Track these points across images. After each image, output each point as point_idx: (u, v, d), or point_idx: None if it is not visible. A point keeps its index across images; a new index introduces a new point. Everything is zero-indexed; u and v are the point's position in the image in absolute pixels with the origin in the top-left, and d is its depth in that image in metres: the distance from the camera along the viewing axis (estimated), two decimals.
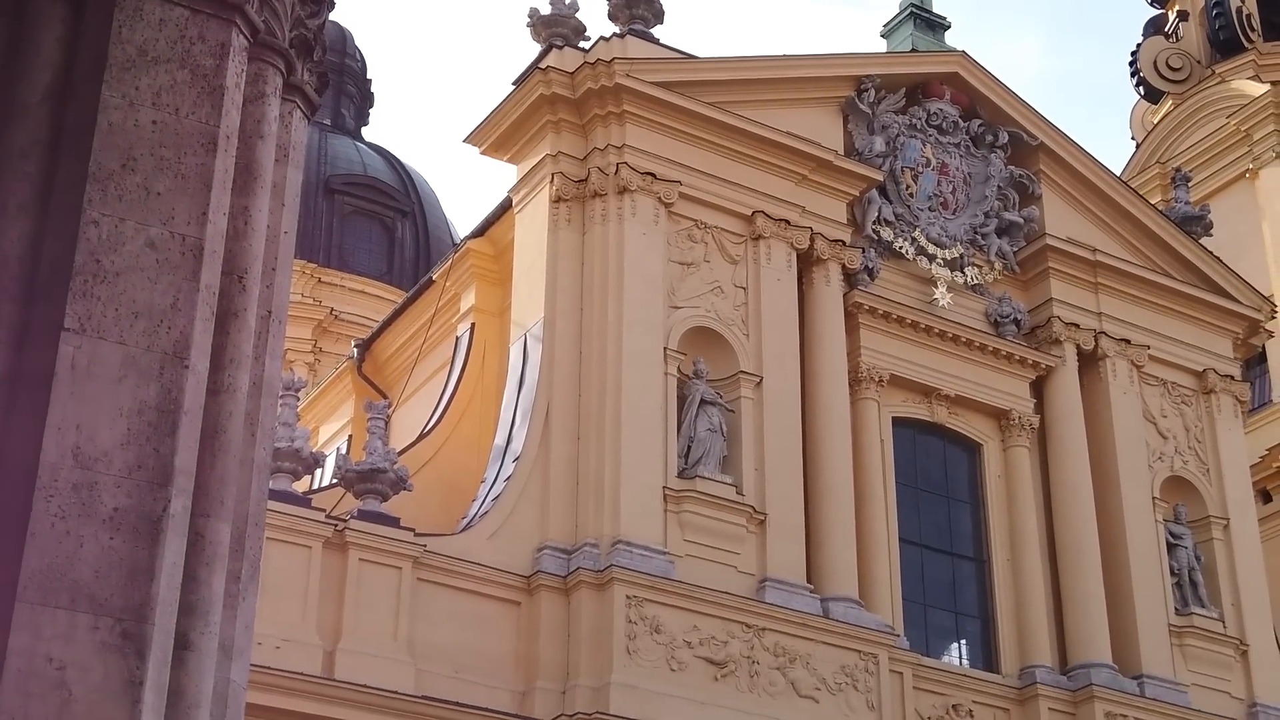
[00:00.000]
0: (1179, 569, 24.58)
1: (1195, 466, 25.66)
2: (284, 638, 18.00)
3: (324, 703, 17.93)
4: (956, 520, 24.13)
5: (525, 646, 19.71)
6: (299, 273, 38.42)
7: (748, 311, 22.52)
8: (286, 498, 18.81)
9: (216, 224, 5.59)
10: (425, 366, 24.87)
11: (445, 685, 18.93)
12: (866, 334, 23.64)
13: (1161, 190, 33.91)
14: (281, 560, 18.25)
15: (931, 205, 25.06)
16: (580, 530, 20.38)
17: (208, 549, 5.49)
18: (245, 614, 5.79)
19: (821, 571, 21.60)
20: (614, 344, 21.22)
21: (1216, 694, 24.02)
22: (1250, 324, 27.04)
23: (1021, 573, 23.63)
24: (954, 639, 23.59)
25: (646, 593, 19.83)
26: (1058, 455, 24.62)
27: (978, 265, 25.05)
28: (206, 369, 5.51)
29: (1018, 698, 22.72)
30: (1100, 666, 23.01)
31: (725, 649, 20.20)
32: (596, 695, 19.12)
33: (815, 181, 23.59)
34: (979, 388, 24.38)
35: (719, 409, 21.67)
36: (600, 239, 21.92)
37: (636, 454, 20.63)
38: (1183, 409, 25.98)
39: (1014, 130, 25.92)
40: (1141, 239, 26.62)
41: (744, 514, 21.17)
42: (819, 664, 20.72)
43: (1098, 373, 25.40)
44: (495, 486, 20.79)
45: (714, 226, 22.77)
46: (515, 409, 21.42)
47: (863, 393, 23.36)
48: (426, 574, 19.46)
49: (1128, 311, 25.86)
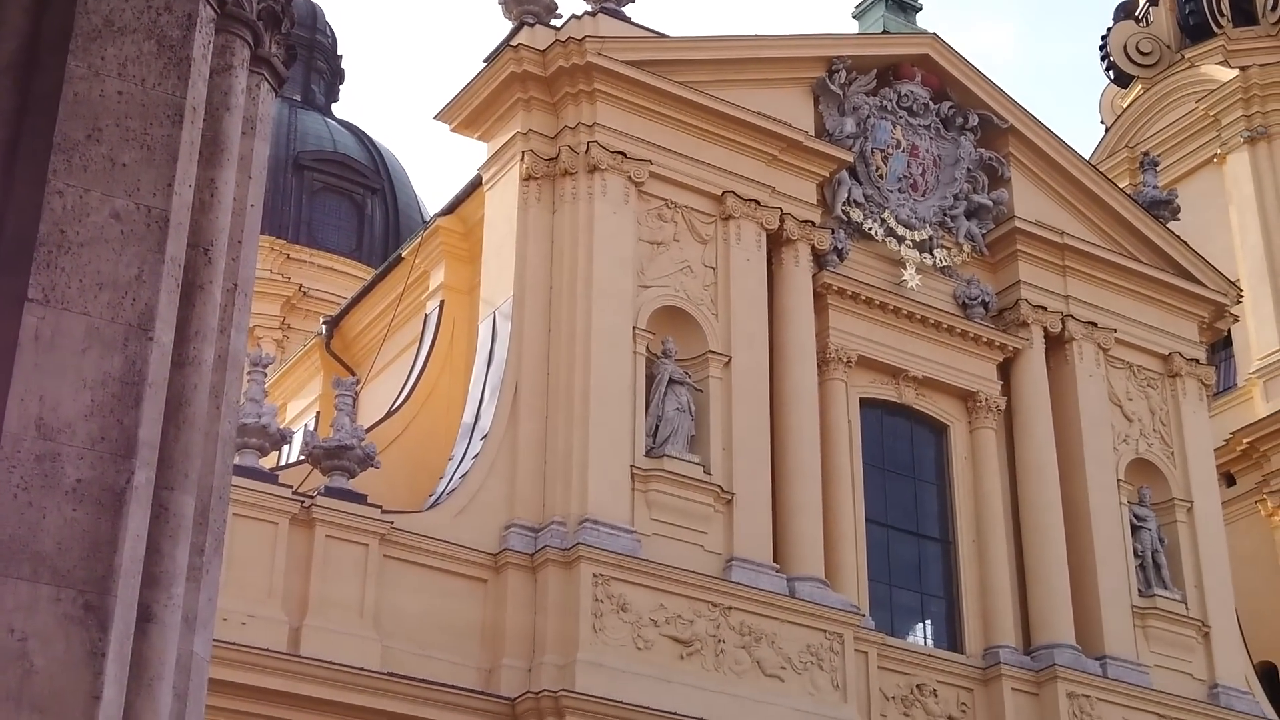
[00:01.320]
0: (1143, 551, 24.76)
1: (1160, 449, 25.83)
2: (250, 614, 17.99)
3: (289, 679, 17.92)
4: (923, 501, 24.24)
5: (492, 624, 19.72)
6: (267, 249, 38.27)
7: (717, 291, 22.55)
8: (253, 474, 18.77)
9: (182, 196, 5.56)
10: (394, 344, 24.82)
11: (411, 662, 18.94)
12: (835, 315, 23.70)
13: (1130, 174, 34.06)
14: (248, 536, 18.23)
15: (901, 187, 25.11)
16: (548, 508, 20.40)
17: (171, 521, 5.48)
18: (209, 587, 5.78)
19: (788, 551, 21.67)
20: (583, 322, 21.22)
21: (1178, 675, 24.21)
22: (1216, 308, 27.21)
23: (986, 554, 23.76)
24: (919, 619, 23.71)
25: (613, 571, 19.87)
26: (1024, 437, 24.75)
27: (946, 247, 25.13)
28: (171, 341, 5.49)
29: (982, 678, 22.85)
30: (1063, 647, 23.16)
31: (691, 628, 20.26)
32: (562, 673, 19.16)
33: (785, 162, 23.62)
34: (946, 369, 24.48)
35: (687, 388, 21.70)
36: (570, 217, 21.90)
37: (604, 433, 20.65)
38: (1148, 392, 26.14)
39: (984, 113, 25.99)
40: (1109, 223, 26.74)
41: (711, 493, 21.22)
42: (784, 643, 20.80)
43: (1064, 355, 25.53)
44: (463, 464, 20.78)
45: (684, 206, 22.77)
46: (484, 387, 21.40)
47: (831, 373, 23.42)
48: (393, 551, 19.45)
49: (1095, 295, 25.98)
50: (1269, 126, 33.79)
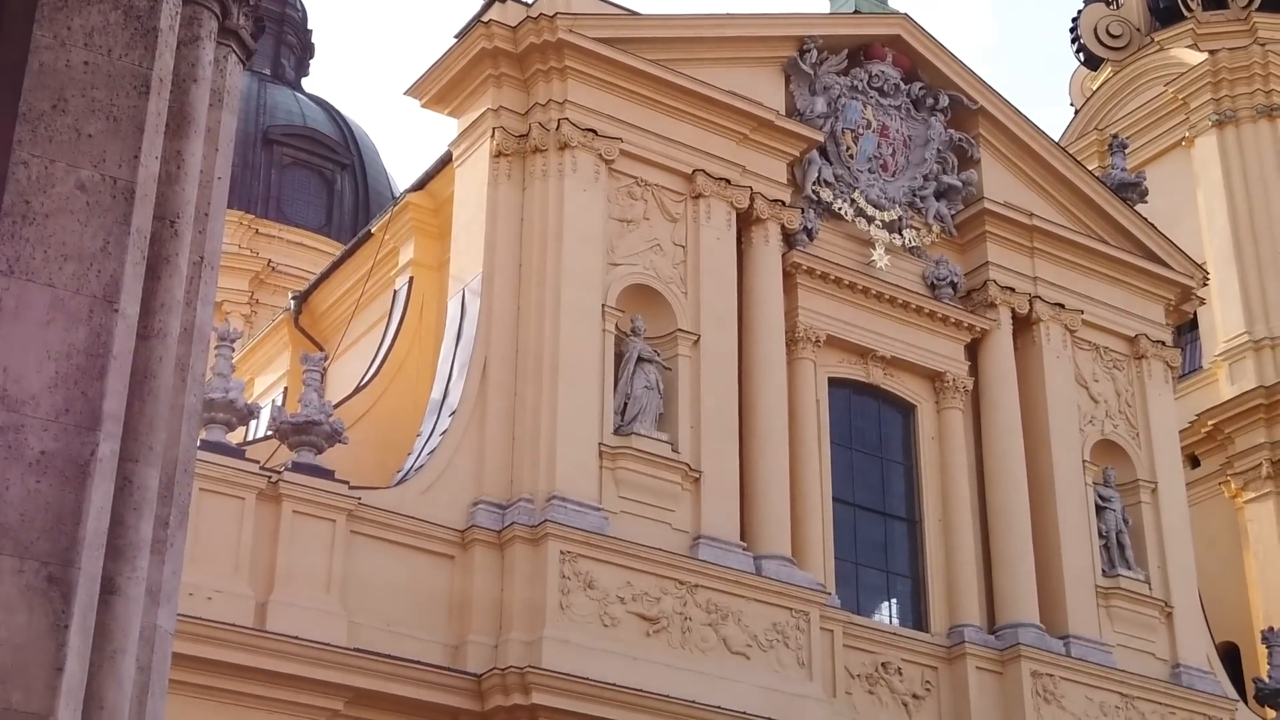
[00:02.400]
0: (1107, 531, 24.91)
1: (1125, 431, 25.97)
2: (216, 589, 17.96)
3: (255, 654, 17.89)
4: (889, 480, 24.33)
5: (459, 600, 19.73)
6: (236, 224, 38.12)
7: (686, 270, 22.56)
8: (220, 449, 18.73)
9: (149, 167, 5.54)
10: (363, 320, 24.77)
11: (378, 638, 18.94)
12: (804, 294, 23.74)
13: (1099, 157, 34.20)
14: (214, 511, 18.19)
15: (871, 167, 25.14)
16: (515, 485, 20.41)
17: (136, 494, 5.47)
18: (173, 560, 5.77)
19: (755, 529, 21.74)
20: (552, 300, 21.21)
21: (1141, 654, 24.39)
22: (1182, 290, 27.35)
23: (952, 533, 23.87)
24: (885, 598, 23.82)
25: (580, 548, 19.89)
26: (991, 418, 24.85)
27: (916, 228, 25.19)
28: (137, 313, 5.48)
29: (946, 656, 22.98)
30: (1027, 626, 23.30)
31: (658, 605, 20.30)
32: (529, 649, 19.18)
33: (756, 141, 23.62)
34: (915, 349, 24.56)
35: (656, 366, 21.72)
36: (540, 195, 21.87)
37: (573, 410, 20.66)
38: (1114, 373, 26.27)
39: (954, 94, 26.04)
40: (1078, 204, 26.85)
41: (679, 471, 21.26)
42: (751, 621, 20.86)
43: (1032, 336, 25.63)
44: (431, 440, 20.76)
45: (654, 184, 22.76)
46: (452, 363, 21.38)
47: (799, 353, 23.47)
48: (361, 527, 19.43)
49: (1063, 276, 26.09)
50: (1237, 110, 33.95)
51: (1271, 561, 29.91)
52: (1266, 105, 33.79)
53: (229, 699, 17.75)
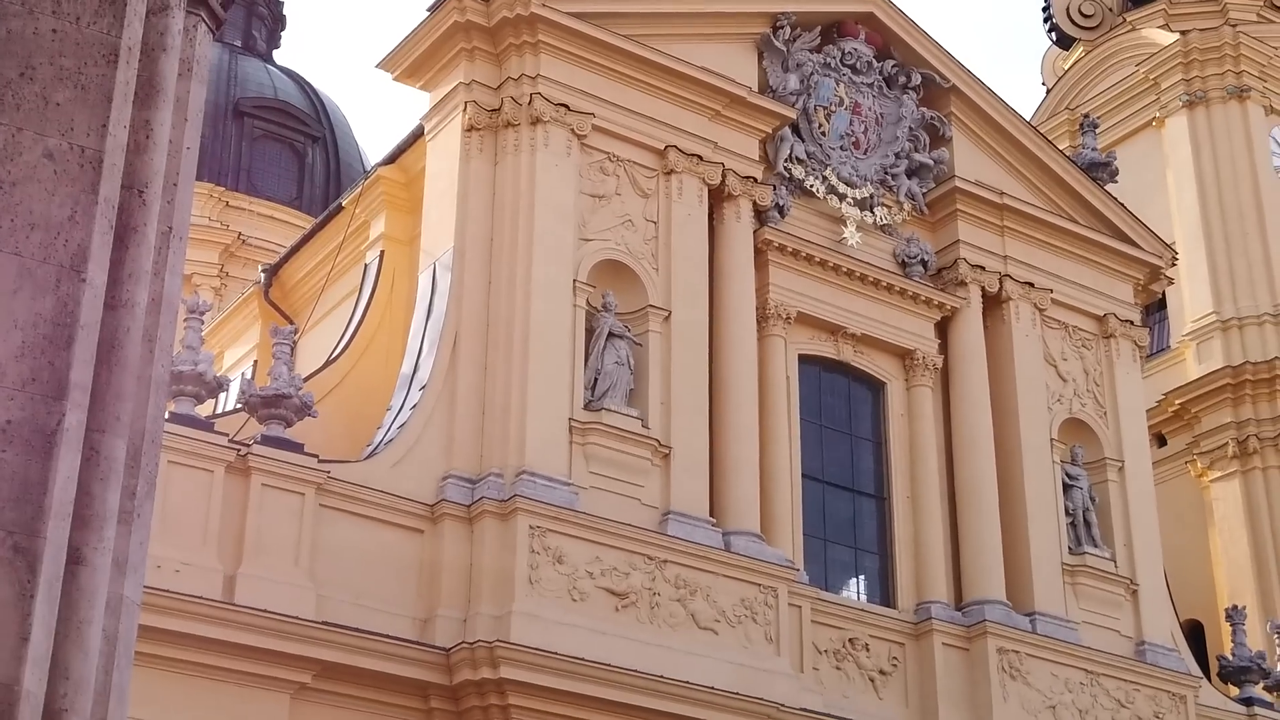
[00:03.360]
0: (1074, 509, 25.05)
1: (1093, 409, 26.11)
2: (184, 561, 17.92)
3: (223, 627, 17.86)
4: (859, 458, 24.41)
5: (428, 574, 19.74)
6: (206, 196, 37.97)
7: (658, 246, 22.56)
8: (189, 421, 18.67)
9: (117, 136, 5.52)
10: (333, 293, 24.70)
11: (346, 611, 18.93)
12: (775, 271, 23.77)
13: (1070, 136, 34.33)
14: (183, 484, 18.15)
15: (843, 145, 25.17)
16: (485, 460, 20.41)
17: (103, 464, 5.46)
18: (140, 530, 5.76)
19: (724, 505, 21.79)
20: (523, 274, 21.19)
21: (1106, 632, 24.56)
22: (1151, 270, 27.48)
23: (921, 511, 23.98)
24: (853, 574, 23.92)
25: (550, 523, 19.91)
26: (960, 396, 24.95)
27: (887, 205, 25.23)
28: (104, 283, 5.46)
29: (913, 632, 23.10)
30: (994, 603, 23.44)
31: (627, 580, 20.34)
32: (498, 624, 19.20)
33: (728, 118, 23.62)
34: (885, 327, 24.62)
35: (627, 342, 21.73)
36: (512, 169, 21.83)
37: (543, 385, 20.66)
38: (1083, 352, 26.40)
39: (926, 72, 26.07)
40: (1048, 184, 26.93)
41: (649, 447, 21.29)
42: (719, 596, 20.93)
43: (1001, 315, 25.73)
44: (401, 414, 20.75)
45: (626, 160, 22.74)
46: (423, 337, 21.35)
47: (770, 329, 23.51)
48: (330, 500, 19.41)
49: (1032, 255, 26.19)
50: (1208, 91, 34.09)
51: (1236, 540, 30.17)
52: (1237, 86, 33.95)
53: (197, 671, 17.72)
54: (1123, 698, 23.98)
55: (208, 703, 17.65)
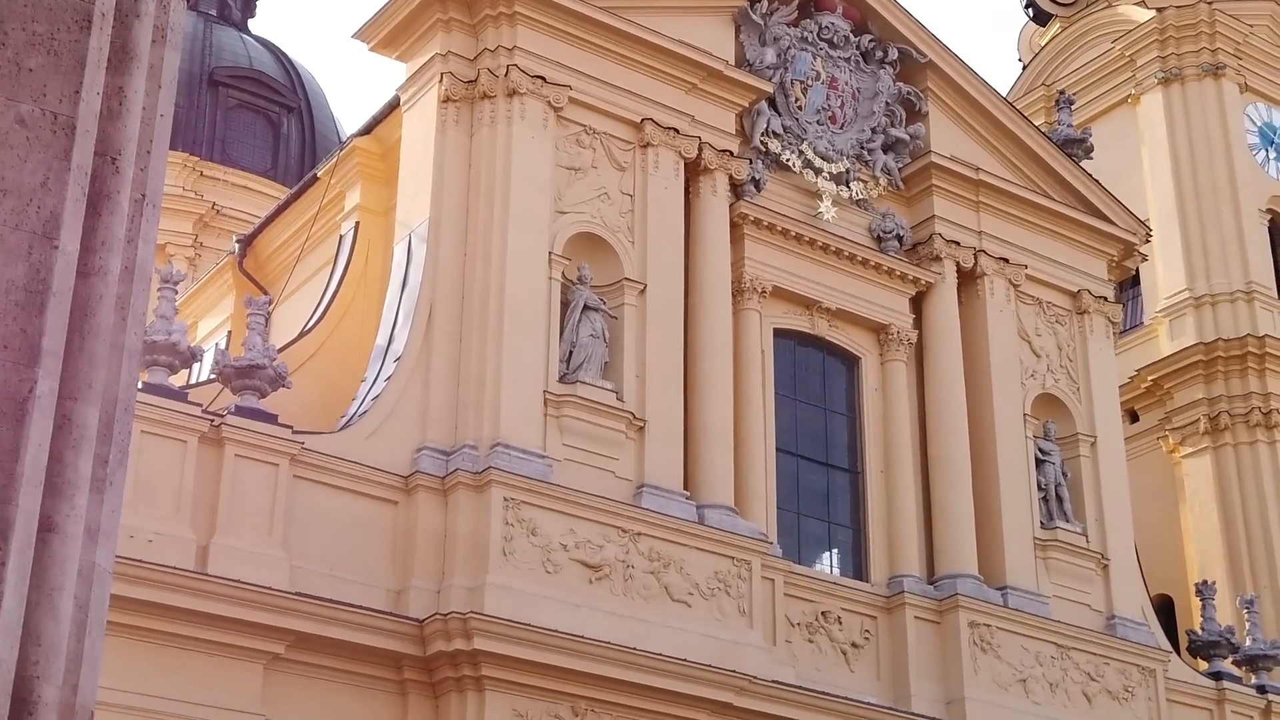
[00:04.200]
0: (1046, 484, 25.17)
1: (1066, 385, 26.22)
2: (157, 531, 17.90)
3: (196, 597, 17.85)
4: (833, 431, 24.48)
5: (402, 546, 19.75)
6: (180, 165, 37.80)
7: (634, 219, 22.55)
8: (163, 391, 18.63)
9: (90, 103, 5.48)
10: (308, 264, 24.64)
11: (320, 583, 18.94)
12: (751, 245, 23.79)
13: (1046, 113, 34.37)
14: (156, 454, 18.11)
15: (819, 119, 25.17)
16: (460, 432, 20.41)
17: (75, 432, 5.44)
18: (113, 499, 5.74)
19: (698, 478, 21.84)
20: (498, 247, 21.16)
21: (1077, 606, 24.71)
22: (1125, 247, 27.57)
23: (894, 485, 24.07)
24: (826, 548, 24.01)
25: (524, 495, 19.93)
26: (934, 370, 25.03)
27: (863, 180, 25.26)
28: (77, 250, 5.43)
29: (885, 606, 23.21)
30: (966, 577, 23.56)
31: (601, 553, 20.38)
32: (472, 595, 19.23)
33: (705, 91, 23.59)
34: (860, 302, 24.67)
35: (602, 315, 21.73)
36: (488, 141, 21.78)
37: (518, 357, 20.66)
38: (1056, 328, 26.50)
39: (904, 47, 26.07)
40: (1024, 160, 26.98)
41: (623, 420, 21.31)
42: (693, 569, 20.99)
43: (976, 290, 25.80)
44: (375, 386, 20.72)
45: (602, 133, 22.71)
46: (398, 309, 21.32)
47: (745, 303, 23.54)
48: (304, 472, 19.39)
49: (1007, 231, 26.25)
50: (1183, 68, 34.16)
51: (1207, 516, 30.35)
52: (1212, 64, 34.02)
53: (170, 641, 17.73)
54: (1093, 671, 24.15)
55: (181, 673, 17.66)
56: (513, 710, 19.07)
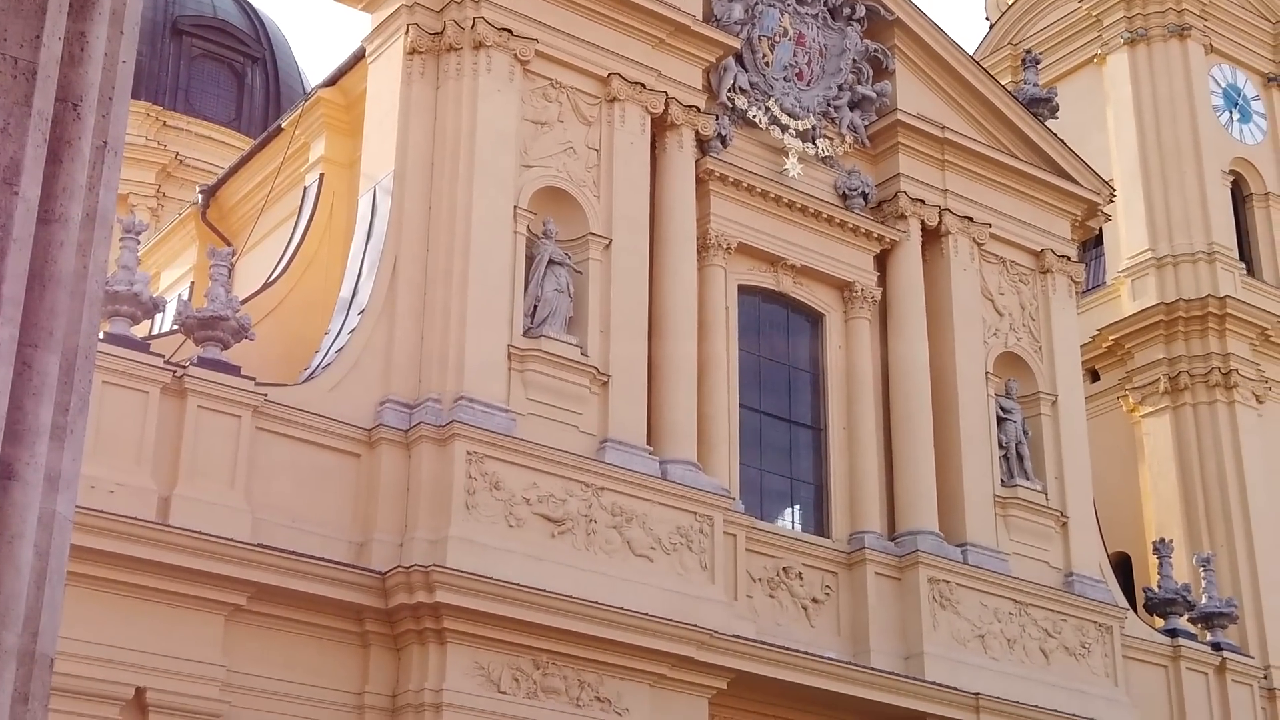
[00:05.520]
0: (1007, 442, 25.34)
1: (1028, 344, 26.37)
2: (118, 482, 17.85)
3: (158, 548, 17.81)
4: (796, 388, 24.56)
5: (364, 499, 19.75)
6: (144, 115, 37.49)
7: (599, 173, 22.50)
8: (124, 341, 18.53)
9: (51, 48, 5.44)
10: (271, 216, 24.51)
11: (282, 534, 18.93)
12: (716, 201, 23.78)
13: (1012, 72, 34.38)
14: (118, 405, 18.04)
15: (786, 76, 25.14)
16: (423, 385, 20.39)
17: (35, 380, 5.42)
18: (73, 447, 5.73)
19: (661, 434, 21.89)
20: (464, 200, 21.10)
21: (1036, 563, 24.92)
22: (1089, 206, 27.69)
23: (856, 442, 24.18)
24: (788, 504, 24.13)
25: (487, 449, 19.94)
26: (897, 328, 25.12)
27: (829, 137, 25.27)
28: (37, 197, 5.40)
29: (846, 562, 23.36)
30: (926, 534, 23.72)
31: (564, 507, 20.42)
32: (434, 548, 19.26)
33: (672, 46, 23.52)
34: (824, 259, 24.72)
35: (567, 270, 21.71)
36: (454, 94, 21.68)
37: (482, 311, 20.63)
38: (1019, 287, 26.62)
39: (871, 4, 26.04)
40: (990, 118, 27.03)
41: (587, 375, 21.33)
42: (655, 524, 21.06)
43: (940, 249, 25.88)
44: (339, 339, 20.67)
45: (569, 87, 22.63)
46: (362, 261, 21.26)
47: (710, 259, 23.55)
48: (266, 424, 19.35)
49: (972, 189, 26.32)
50: (1149, 29, 34.20)
51: (1165, 475, 30.60)
52: (1178, 24, 34.07)
53: (131, 592, 17.70)
54: (1050, 627, 24.39)
55: (142, 623, 17.65)
56: (474, 663, 19.14)
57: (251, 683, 18.30)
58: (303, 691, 18.65)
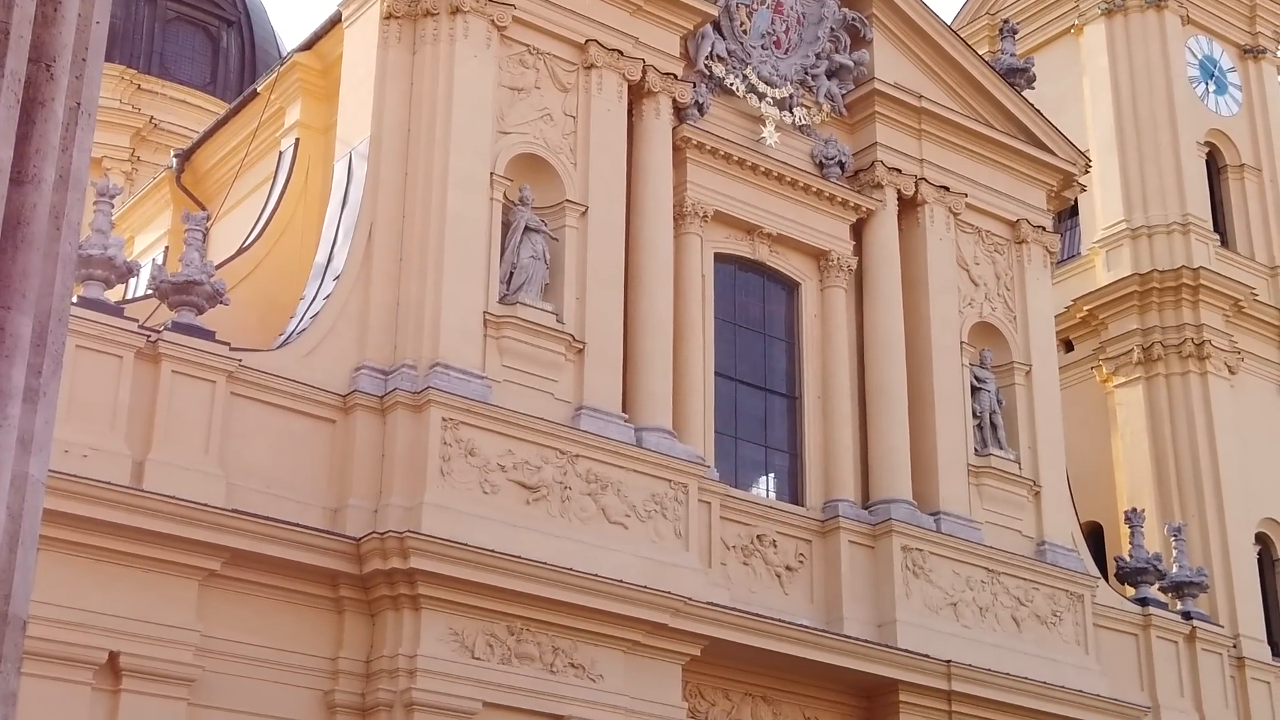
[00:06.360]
0: (981, 412, 25.42)
1: (1003, 313, 26.44)
2: (92, 446, 17.79)
3: (131, 512, 17.77)
4: (772, 357, 24.60)
5: (339, 465, 19.73)
6: (118, 78, 37.24)
7: (576, 140, 22.45)
8: (98, 306, 18.46)
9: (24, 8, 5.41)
10: (247, 180, 24.41)
11: (256, 500, 18.91)
12: (693, 169, 23.77)
13: (989, 41, 34.41)
14: (91, 369, 17.98)
15: (764, 44, 25.10)
16: (399, 351, 20.36)
17: (8, 342, 5.41)
18: (46, 409, 5.72)
19: (637, 401, 21.92)
20: (440, 166, 21.03)
21: (1009, 532, 25.05)
22: (1064, 177, 27.74)
23: (831, 410, 24.25)
24: (762, 472, 24.19)
25: (462, 416, 19.94)
26: (873, 297, 25.16)
27: (806, 106, 25.25)
28: (10, 158, 5.37)
29: (820, 530, 23.44)
30: (900, 502, 23.81)
31: (539, 474, 20.43)
32: (408, 514, 19.27)
33: (649, 13, 23.45)
34: (801, 227, 24.73)
35: (543, 237, 21.68)
36: (430, 59, 21.60)
37: (458, 278, 20.60)
38: (995, 257, 26.68)
39: None
40: (966, 88, 27.04)
41: (563, 342, 21.33)
42: (630, 491, 21.09)
43: (916, 218, 25.91)
44: (314, 304, 20.62)
45: (546, 53, 22.56)
46: (338, 227, 21.19)
47: (686, 227, 23.55)
48: (241, 389, 19.31)
49: (948, 159, 26.34)
50: (1126, 0, 34.21)
51: (1137, 444, 30.76)
52: None
53: (105, 557, 17.66)
54: (1022, 596, 24.52)
55: (116, 588, 17.62)
56: (449, 629, 19.17)
57: (226, 648, 18.30)
58: (277, 656, 18.66)
